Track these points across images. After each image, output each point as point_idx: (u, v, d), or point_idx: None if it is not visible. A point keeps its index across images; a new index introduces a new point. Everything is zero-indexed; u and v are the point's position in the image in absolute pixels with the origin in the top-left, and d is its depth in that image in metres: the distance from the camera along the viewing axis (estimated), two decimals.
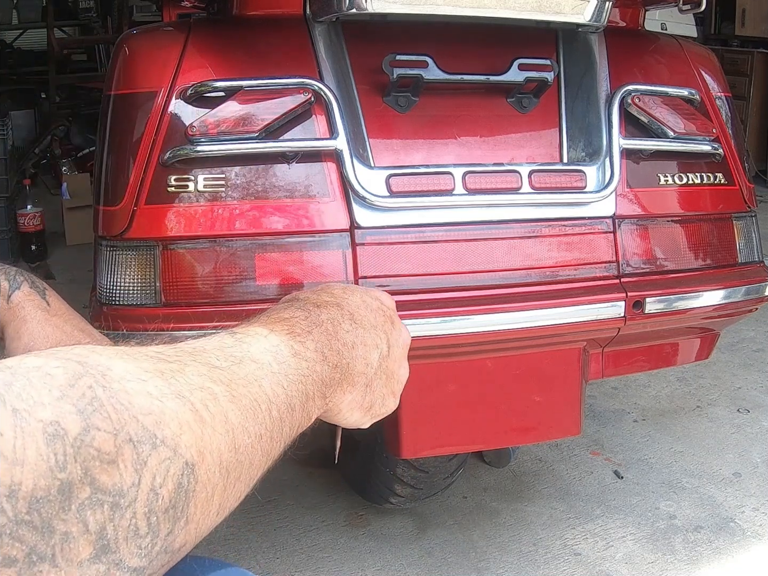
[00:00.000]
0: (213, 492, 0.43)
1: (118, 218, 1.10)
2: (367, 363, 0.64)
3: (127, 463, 0.37)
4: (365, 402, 0.66)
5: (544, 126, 1.30)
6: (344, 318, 0.63)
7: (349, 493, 1.95)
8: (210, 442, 0.43)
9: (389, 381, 0.69)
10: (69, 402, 0.36)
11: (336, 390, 0.61)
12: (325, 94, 1.12)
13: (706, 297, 1.28)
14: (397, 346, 0.70)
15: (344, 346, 0.61)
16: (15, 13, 6.69)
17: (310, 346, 0.57)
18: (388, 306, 0.71)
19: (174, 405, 0.41)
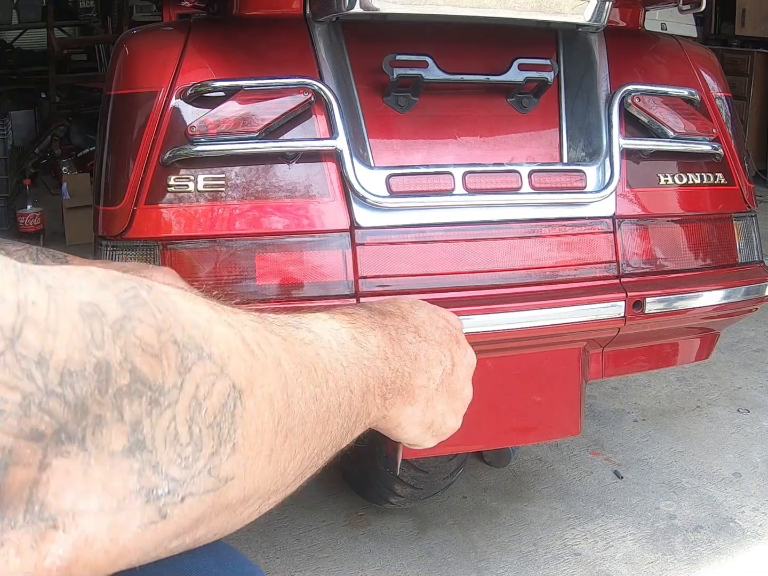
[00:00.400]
0: (263, 429, 0.41)
1: (118, 218, 1.10)
2: (429, 377, 0.63)
3: (171, 362, 0.36)
4: (426, 418, 0.64)
5: (544, 126, 1.30)
6: (408, 330, 0.62)
7: (349, 493, 1.95)
8: (260, 375, 0.41)
9: (451, 399, 0.67)
10: (110, 292, 0.35)
11: (396, 398, 0.59)
12: (325, 94, 1.12)
13: (706, 297, 1.28)
14: (461, 365, 0.68)
15: (407, 354, 0.60)
16: (15, 13, 6.69)
17: (372, 340, 0.56)
18: (454, 326, 0.70)
19: (223, 330, 0.40)
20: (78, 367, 0.33)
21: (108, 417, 0.34)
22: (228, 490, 0.39)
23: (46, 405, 0.32)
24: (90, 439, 0.33)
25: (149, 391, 0.35)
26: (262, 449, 0.41)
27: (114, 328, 0.34)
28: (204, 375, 0.37)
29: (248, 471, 0.40)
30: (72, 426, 0.33)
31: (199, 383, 0.37)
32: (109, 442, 0.34)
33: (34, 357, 0.32)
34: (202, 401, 0.37)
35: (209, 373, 0.38)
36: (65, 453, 0.33)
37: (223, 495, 0.39)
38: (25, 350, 0.31)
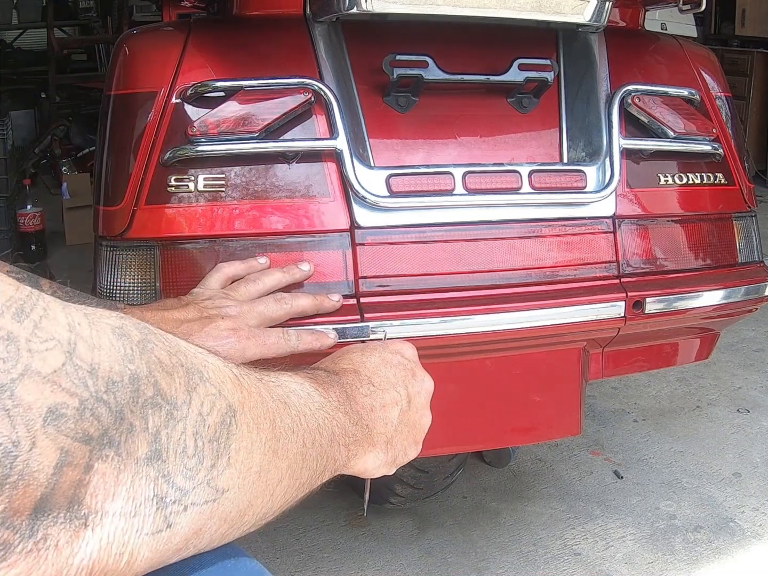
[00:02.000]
0: (253, 446, 0.45)
1: (119, 218, 1.10)
2: (386, 423, 0.67)
3: (180, 380, 0.40)
4: (388, 458, 0.68)
5: (544, 126, 1.30)
6: (362, 383, 0.66)
7: (349, 493, 1.95)
8: (248, 400, 0.46)
9: (411, 431, 0.71)
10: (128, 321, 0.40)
11: (358, 449, 0.63)
12: (325, 94, 1.12)
13: (706, 297, 1.28)
14: (418, 396, 0.72)
15: (363, 408, 0.64)
16: (15, 13, 6.68)
17: (333, 396, 0.60)
18: (408, 358, 0.74)
19: (215, 361, 0.45)
20: (118, 377, 0.37)
21: (137, 425, 0.38)
22: (225, 502, 0.43)
23: (96, 410, 0.35)
24: (123, 446, 0.37)
25: (167, 405, 0.39)
26: (252, 465, 0.45)
27: (139, 347, 0.39)
28: (206, 394, 0.42)
29: (241, 485, 0.44)
30: (112, 431, 0.36)
31: (203, 401, 0.42)
32: (136, 449, 0.38)
33: (87, 368, 0.36)
34: (206, 417, 0.42)
35: (210, 393, 0.42)
36: (105, 456, 0.36)
37: (221, 506, 0.43)
38: (81, 361, 0.35)
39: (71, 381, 0.34)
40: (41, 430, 0.33)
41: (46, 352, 0.34)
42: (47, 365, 0.34)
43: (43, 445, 0.33)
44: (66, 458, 0.34)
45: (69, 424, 0.34)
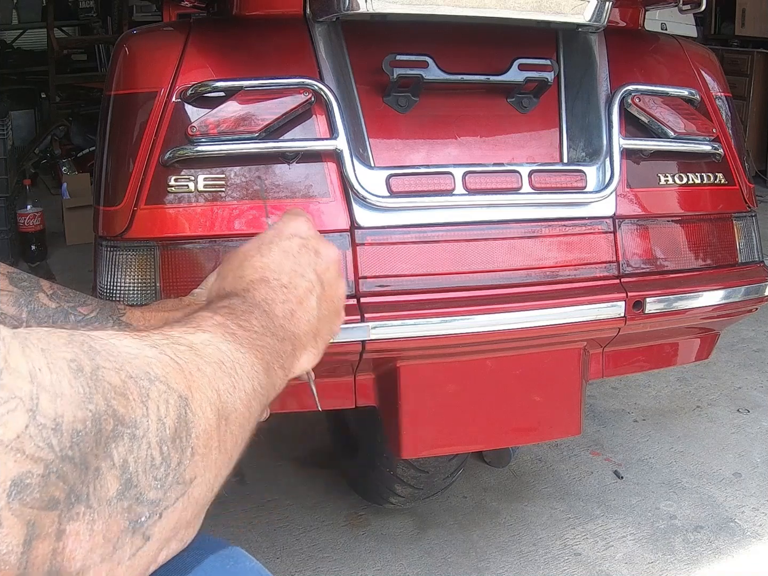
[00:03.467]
0: (209, 426, 0.45)
1: (119, 218, 1.10)
2: (308, 319, 0.66)
3: (134, 395, 0.39)
4: (319, 348, 0.68)
5: (544, 126, 1.30)
6: (275, 290, 0.65)
7: (349, 493, 1.95)
8: (193, 381, 0.45)
9: (331, 307, 0.70)
10: (76, 347, 0.37)
11: (293, 361, 0.63)
12: (325, 94, 1.12)
13: (706, 297, 1.28)
14: (327, 273, 0.71)
15: (284, 318, 0.63)
16: (15, 13, 6.68)
17: (255, 323, 0.59)
18: (306, 234, 0.71)
19: (152, 352, 0.44)
20: (81, 425, 0.34)
21: (103, 467, 0.35)
22: (193, 490, 0.42)
23: (61, 471, 0.33)
24: (93, 495, 0.35)
25: (128, 429, 0.37)
26: (212, 443, 0.45)
27: (93, 379, 0.36)
28: (159, 395, 0.41)
29: (206, 466, 0.44)
30: (79, 486, 0.34)
31: (158, 404, 0.40)
32: (106, 491, 0.35)
33: (51, 425, 0.33)
34: (164, 419, 0.40)
35: (162, 392, 0.41)
36: (75, 516, 0.33)
37: (190, 495, 0.42)
38: (44, 419, 0.32)
39: (35, 445, 0.32)
40: (6, 507, 0.30)
41: (7, 415, 0.31)
42: (9, 431, 0.31)
43: (9, 524, 0.30)
44: (34, 531, 0.31)
45: (34, 494, 0.31)
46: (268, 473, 2.05)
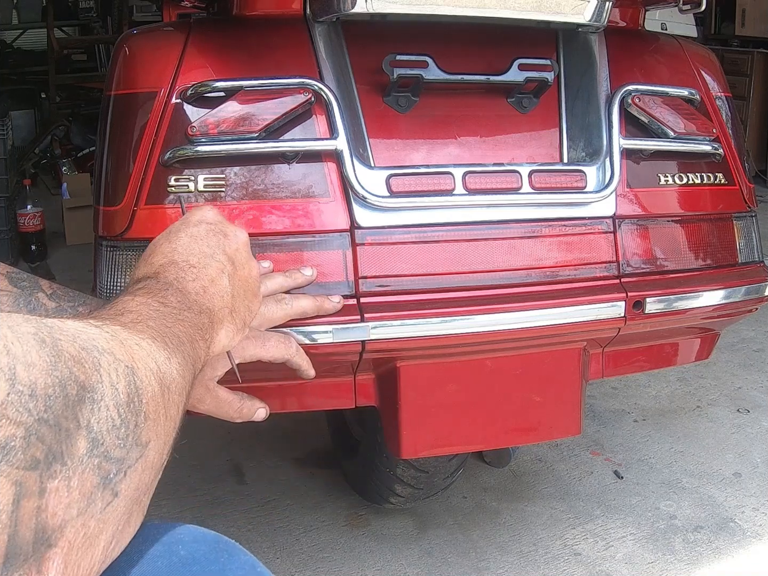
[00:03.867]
0: (155, 394, 0.48)
1: (119, 218, 1.10)
2: (221, 295, 0.69)
3: (89, 364, 0.42)
4: (238, 324, 0.71)
5: (544, 126, 1.30)
6: (185, 270, 0.68)
7: (349, 493, 1.95)
8: (134, 353, 0.48)
9: (246, 287, 0.73)
10: (33, 323, 0.40)
11: (211, 334, 0.66)
12: (325, 94, 1.12)
13: (706, 297, 1.28)
14: (237, 253, 0.74)
15: (197, 294, 0.66)
16: (15, 13, 6.68)
17: (172, 300, 0.62)
18: (213, 221, 0.75)
19: (95, 331, 0.47)
20: (51, 390, 0.37)
21: (72, 428, 0.38)
22: (149, 453, 0.46)
23: (39, 432, 0.35)
24: (66, 454, 0.37)
25: (88, 393, 0.40)
26: (160, 409, 0.48)
27: (55, 349, 0.39)
28: (109, 365, 0.44)
29: (157, 432, 0.47)
30: (55, 446, 0.36)
31: (109, 371, 0.43)
32: (77, 449, 0.38)
33: (28, 391, 0.35)
34: (117, 386, 0.43)
35: (111, 362, 0.44)
36: (54, 474, 0.36)
37: (147, 458, 0.45)
38: (22, 386, 0.35)
39: (16, 410, 0.34)
40: None
41: None
42: None
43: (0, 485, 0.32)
44: (21, 490, 0.33)
45: (18, 455, 0.34)
46: (268, 473, 2.05)
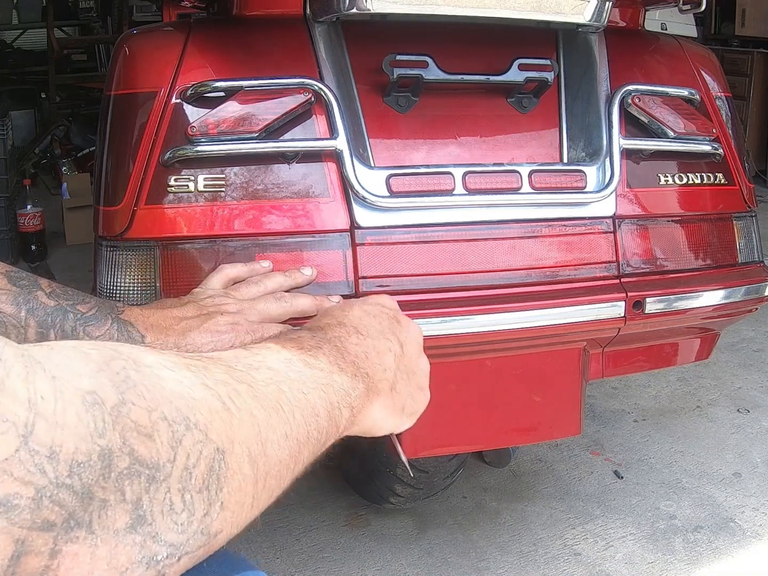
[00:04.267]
0: (245, 482, 0.43)
1: (119, 218, 1.10)
2: (384, 368, 0.65)
3: (163, 439, 0.38)
4: (396, 405, 0.67)
5: (544, 126, 1.30)
6: (350, 333, 0.65)
7: (349, 493, 1.95)
8: (238, 432, 0.43)
9: (412, 378, 0.70)
10: (105, 377, 0.37)
11: (364, 402, 0.61)
12: (325, 94, 1.12)
13: (706, 297, 1.28)
14: (409, 343, 0.71)
15: (357, 357, 0.62)
16: (15, 13, 6.68)
17: (323, 359, 0.58)
18: (389, 307, 0.74)
19: (203, 394, 0.42)
20: (84, 457, 0.34)
21: (112, 500, 0.35)
22: (216, 542, 0.42)
23: (56, 497, 0.33)
24: (96, 522, 0.35)
25: (146, 470, 0.37)
26: (246, 500, 0.44)
27: (113, 415, 0.36)
28: (192, 444, 0.40)
29: (234, 522, 0.43)
30: (80, 513, 0.34)
31: (190, 452, 0.39)
32: (114, 522, 0.35)
33: (45, 452, 0.33)
34: (192, 469, 0.39)
35: (197, 441, 0.40)
36: (74, 539, 0.34)
37: (213, 546, 0.42)
38: (38, 446, 0.33)
39: (25, 469, 0.32)
40: None
41: None
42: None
43: None
44: (23, 548, 0.32)
45: (24, 515, 0.32)
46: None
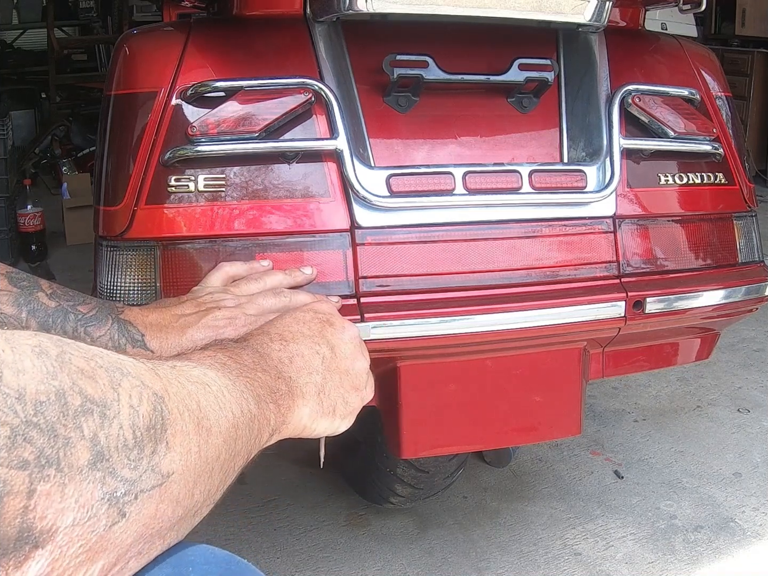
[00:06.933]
0: (187, 427, 0.47)
1: (119, 218, 1.10)
2: (309, 371, 0.68)
3: (104, 381, 0.42)
4: (325, 407, 0.69)
5: (545, 126, 1.30)
6: (273, 340, 0.68)
7: (349, 493, 1.95)
8: (170, 386, 0.48)
9: (344, 378, 0.72)
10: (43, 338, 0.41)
11: (289, 403, 0.64)
12: (325, 94, 1.12)
13: (706, 297, 1.28)
14: (342, 344, 0.74)
15: (280, 362, 0.66)
16: (15, 13, 6.68)
17: (246, 358, 0.62)
18: (323, 312, 0.76)
19: (127, 359, 0.47)
20: (44, 397, 0.38)
21: (73, 437, 0.39)
22: (171, 484, 0.45)
23: (27, 434, 0.37)
24: (63, 461, 0.38)
25: (97, 407, 0.41)
26: (191, 446, 0.47)
27: (59, 361, 0.40)
28: (132, 387, 0.44)
29: (184, 466, 0.46)
30: (48, 450, 0.38)
31: (131, 393, 0.44)
32: (77, 459, 0.39)
33: (14, 394, 0.37)
34: (137, 408, 0.44)
35: (135, 385, 0.44)
36: (46, 477, 0.37)
37: (168, 489, 0.45)
38: (8, 389, 0.37)
39: (1, 410, 0.36)
40: None
41: None
42: None
43: None
44: (5, 488, 0.35)
45: (2, 453, 0.35)
46: (268, 473, 2.05)
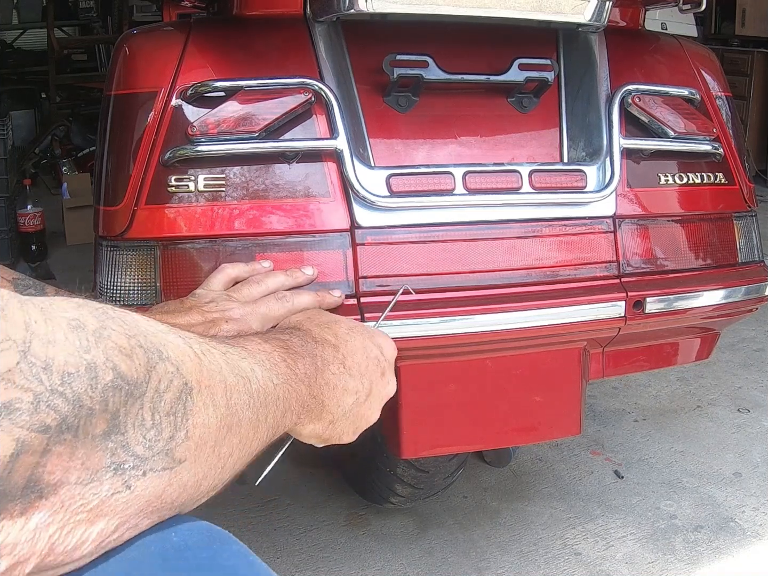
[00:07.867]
0: (209, 421, 0.48)
1: (119, 218, 1.10)
2: (339, 405, 0.71)
3: (141, 361, 0.44)
4: (324, 435, 0.73)
5: (545, 126, 1.30)
6: (336, 360, 0.70)
7: (349, 493, 1.95)
8: (207, 377, 0.49)
9: (355, 422, 0.75)
10: (86, 310, 0.43)
11: (307, 418, 0.67)
12: (325, 94, 1.12)
13: (706, 297, 1.28)
14: (377, 395, 0.76)
15: (327, 384, 0.68)
16: (15, 13, 6.68)
17: (300, 366, 0.63)
18: (386, 357, 0.78)
19: (176, 339, 0.48)
20: (74, 369, 0.40)
21: (97, 408, 0.41)
22: (182, 471, 0.46)
23: (52, 402, 0.38)
24: (81, 428, 0.40)
25: (127, 385, 0.42)
26: (208, 440, 0.49)
27: (95, 336, 0.42)
28: (165, 372, 0.45)
29: (197, 457, 0.48)
30: (71, 418, 0.39)
31: (161, 378, 0.45)
32: (94, 428, 0.41)
33: (41, 364, 0.38)
34: (163, 394, 0.45)
35: (168, 372, 0.45)
36: (63, 440, 0.40)
37: (178, 474, 0.46)
38: (35, 359, 0.38)
39: (25, 378, 0.37)
40: None
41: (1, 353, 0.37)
42: (1, 365, 0.37)
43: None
44: (22, 448, 0.37)
45: (23, 417, 0.37)
46: (268, 473, 2.04)
